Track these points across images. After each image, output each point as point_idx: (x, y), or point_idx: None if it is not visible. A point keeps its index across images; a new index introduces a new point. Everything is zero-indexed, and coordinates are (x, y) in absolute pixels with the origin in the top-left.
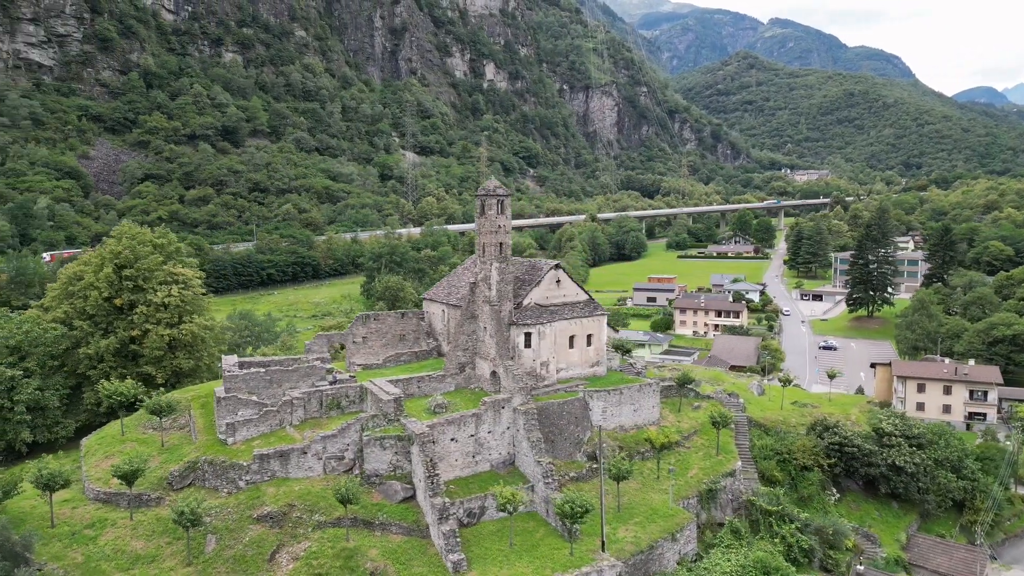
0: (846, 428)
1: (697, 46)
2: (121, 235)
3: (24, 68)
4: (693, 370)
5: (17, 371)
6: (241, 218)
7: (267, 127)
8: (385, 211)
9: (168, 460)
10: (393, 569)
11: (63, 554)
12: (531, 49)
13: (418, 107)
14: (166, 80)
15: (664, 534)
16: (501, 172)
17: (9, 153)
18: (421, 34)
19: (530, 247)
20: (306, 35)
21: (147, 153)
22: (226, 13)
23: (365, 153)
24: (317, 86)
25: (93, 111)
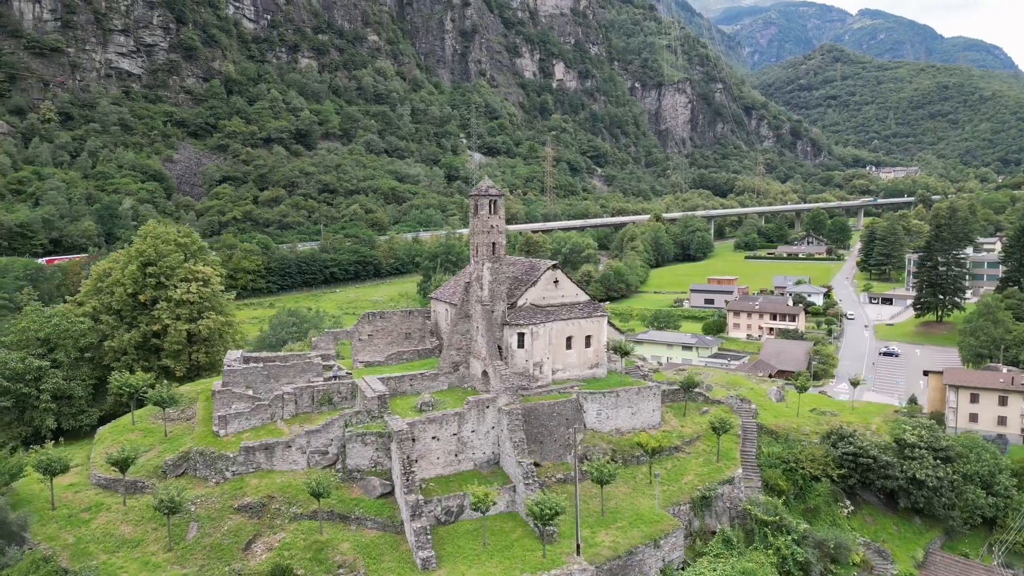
0: (863, 438)
1: (780, 40)
2: (146, 234)
3: (115, 76)
4: (701, 373)
5: (45, 362)
6: (310, 218)
7: (339, 130)
8: (449, 211)
9: (167, 450)
10: (362, 563)
11: (57, 535)
12: (602, 47)
13: (486, 108)
14: (245, 86)
15: (646, 540)
16: (568, 171)
17: (99, 157)
18: (491, 35)
19: (589, 247)
20: (378, 39)
21: (226, 156)
22: (303, 20)
23: (432, 155)
24: (388, 89)
25: (177, 117)
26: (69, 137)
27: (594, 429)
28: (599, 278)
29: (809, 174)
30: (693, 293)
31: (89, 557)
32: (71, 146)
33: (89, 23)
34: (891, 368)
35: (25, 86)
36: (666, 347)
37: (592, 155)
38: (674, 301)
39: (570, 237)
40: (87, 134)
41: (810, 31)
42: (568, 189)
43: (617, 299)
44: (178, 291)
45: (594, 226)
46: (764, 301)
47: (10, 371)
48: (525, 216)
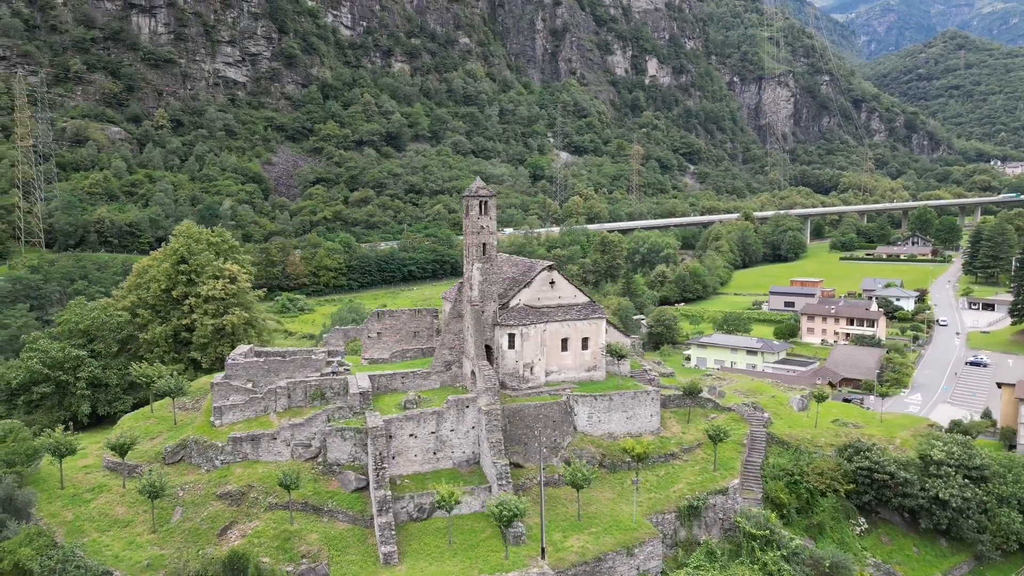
0: (881, 453)
1: (899, 27)
2: (180, 234)
3: (222, 85)
4: (725, 379)
5: (83, 351)
6: (396, 218)
7: (428, 132)
8: (531, 211)
9: (171, 437)
10: (326, 554)
11: (59, 512)
12: (698, 42)
13: (574, 107)
14: (340, 91)
15: (618, 547)
16: (657, 169)
17: (206, 161)
18: (582, 34)
19: (669, 247)
20: (470, 42)
21: (320, 158)
22: (396, 25)
23: (519, 154)
24: (477, 91)
25: (277, 121)
26: (179, 142)
27: (585, 433)
28: (673, 279)
29: (924, 170)
30: (772, 295)
31: (82, 534)
32: (181, 151)
33: (199, 35)
34: (975, 379)
35: (141, 95)
36: (730, 351)
37: (685, 152)
38: (752, 303)
39: (648, 236)
40: (195, 139)
41: (933, 17)
42: (657, 187)
43: (692, 300)
44: (206, 287)
45: (678, 225)
46: (844, 305)
47: (51, 359)
48: (608, 215)
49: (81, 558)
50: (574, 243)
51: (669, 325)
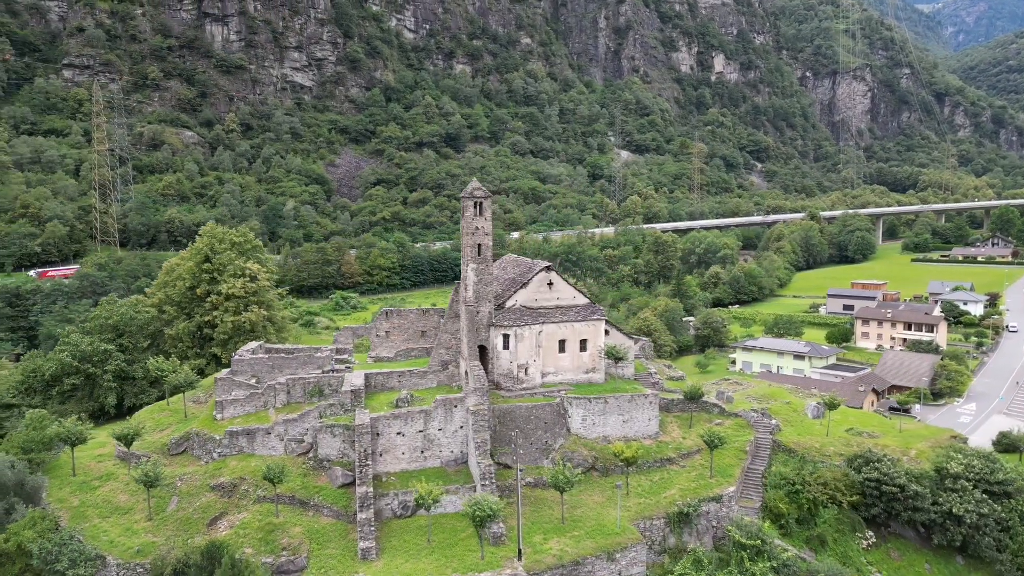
0: (894, 464)
1: (990, 17)
2: (205, 234)
3: (289, 89)
4: (742, 383)
5: (112, 346)
6: (452, 218)
7: (487, 132)
8: (588, 210)
9: (179, 429)
10: (307, 548)
11: (66, 498)
12: (769, 36)
13: (636, 105)
14: (402, 93)
15: (598, 552)
16: (722, 168)
17: (272, 163)
18: (646, 31)
19: (726, 247)
20: (531, 42)
21: (381, 160)
22: (459, 28)
23: (578, 154)
24: (537, 91)
25: (341, 124)
26: (248, 145)
27: (579, 435)
28: (727, 280)
29: (1012, 167)
30: (830, 298)
31: (85, 520)
32: (249, 153)
33: (268, 42)
34: None
35: (214, 101)
36: (776, 355)
37: (751, 150)
38: (810, 306)
39: (705, 237)
40: (263, 142)
41: None
42: (721, 186)
43: (747, 302)
44: (226, 286)
45: (739, 225)
46: (904, 309)
47: (81, 353)
48: (668, 215)
49: (78, 542)
50: (629, 243)
51: (717, 328)
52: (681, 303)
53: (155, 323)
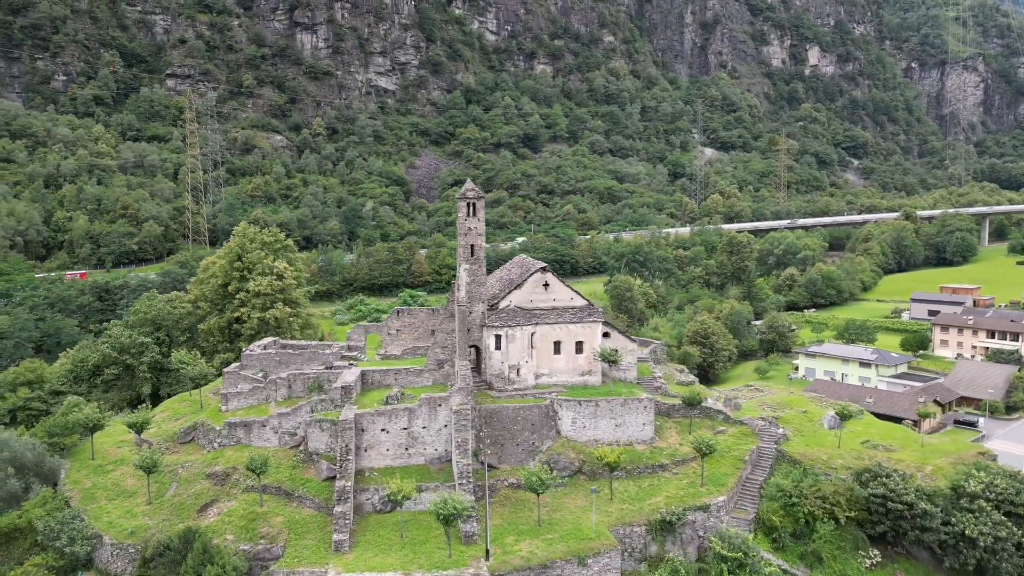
0: (904, 480)
1: None
2: (238, 234)
3: (374, 94)
4: (738, 392)
5: (148, 338)
6: (526, 218)
7: (566, 132)
8: (666, 209)
9: (192, 419)
10: (285, 537)
11: (81, 480)
12: (870, 26)
13: (723, 101)
14: (483, 95)
15: (569, 556)
16: (814, 165)
17: (355, 165)
18: (734, 25)
19: (808, 248)
20: (614, 40)
21: (459, 161)
22: (540, 28)
23: (659, 152)
24: (619, 89)
25: (421, 127)
26: (333, 148)
27: (569, 438)
28: (803, 282)
29: None
30: (914, 303)
31: (93, 501)
32: (334, 156)
33: (354, 48)
34: None
35: (302, 106)
36: (841, 362)
37: (848, 146)
38: (892, 311)
39: (785, 237)
40: (347, 145)
41: None
42: (812, 184)
43: (824, 306)
44: (254, 283)
45: (826, 225)
46: (990, 316)
47: (120, 344)
48: (751, 214)
49: (80, 522)
50: (705, 243)
51: (782, 332)
52: (751, 306)
53: (189, 318)
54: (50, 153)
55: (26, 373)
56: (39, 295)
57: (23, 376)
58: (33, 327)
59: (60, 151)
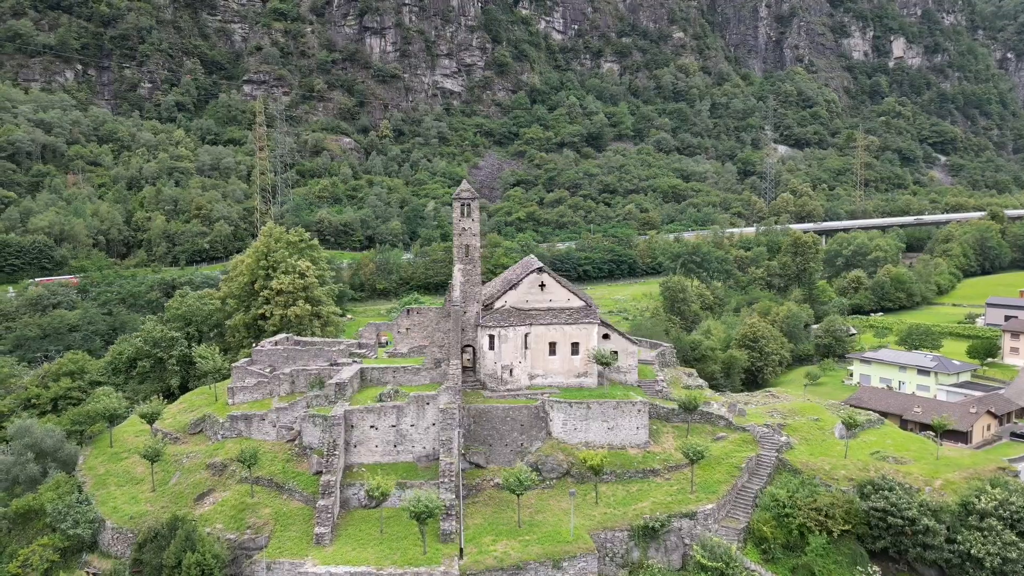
0: (908, 494)
1: None
2: (264, 233)
3: (439, 95)
4: (700, 396)
5: (178, 333)
6: (586, 218)
7: (631, 131)
8: (733, 209)
9: (205, 411)
10: (270, 528)
11: (95, 467)
12: (961, 15)
13: (798, 96)
14: (547, 95)
15: (543, 558)
16: (896, 162)
17: (419, 166)
18: (812, 17)
19: (879, 249)
20: (684, 36)
21: (522, 161)
22: (607, 26)
23: (729, 150)
24: (688, 86)
25: (486, 127)
26: (398, 150)
27: (560, 440)
28: (870, 285)
29: None
30: (989, 308)
31: (103, 487)
32: (399, 157)
33: (421, 51)
34: None
35: (370, 109)
36: (897, 369)
37: (935, 142)
38: (966, 316)
39: (855, 238)
40: (412, 147)
41: None
42: (894, 182)
43: (893, 310)
44: (276, 281)
45: (903, 225)
46: None
47: (152, 339)
48: (823, 214)
49: (86, 506)
50: (772, 243)
51: (839, 336)
52: (812, 309)
53: (218, 314)
54: (134, 157)
55: (69, 364)
56: (112, 291)
57: (66, 367)
58: (101, 321)
59: (143, 155)
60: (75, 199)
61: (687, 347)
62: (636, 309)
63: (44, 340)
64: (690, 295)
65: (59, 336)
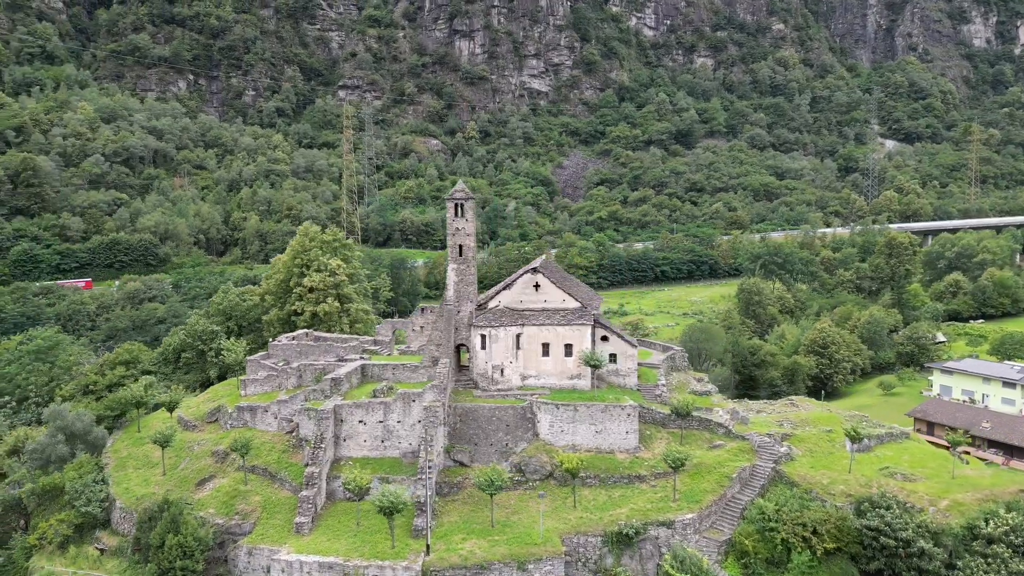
0: (908, 513)
1: None
2: (301, 233)
3: (526, 96)
4: (692, 404)
5: (220, 327)
6: (671, 217)
7: (724, 127)
8: (831, 207)
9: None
10: (257, 515)
11: (120, 450)
12: None
13: (909, 88)
14: (636, 92)
15: (508, 559)
16: (1021, 156)
17: (503, 166)
18: (928, 3)
19: (985, 251)
20: (784, 27)
21: (608, 160)
22: (702, 20)
23: (830, 145)
24: (787, 79)
25: (572, 127)
26: (484, 151)
27: (547, 442)
28: (969, 290)
29: None
30: None
31: (123, 469)
32: (484, 158)
33: (508, 52)
34: None
35: (458, 111)
36: (981, 381)
37: None
38: None
39: (960, 239)
40: (498, 147)
41: None
42: (1016, 178)
43: (995, 317)
44: (308, 279)
45: (1018, 225)
46: None
47: (195, 332)
48: (932, 212)
49: (101, 486)
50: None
51: (923, 344)
52: (901, 314)
53: (256, 310)
54: (234, 160)
55: (124, 354)
56: (202, 286)
57: (122, 356)
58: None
59: (243, 158)
60: (180, 200)
61: (745, 352)
62: (712, 312)
63: (133, 331)
64: (767, 298)
65: (147, 328)
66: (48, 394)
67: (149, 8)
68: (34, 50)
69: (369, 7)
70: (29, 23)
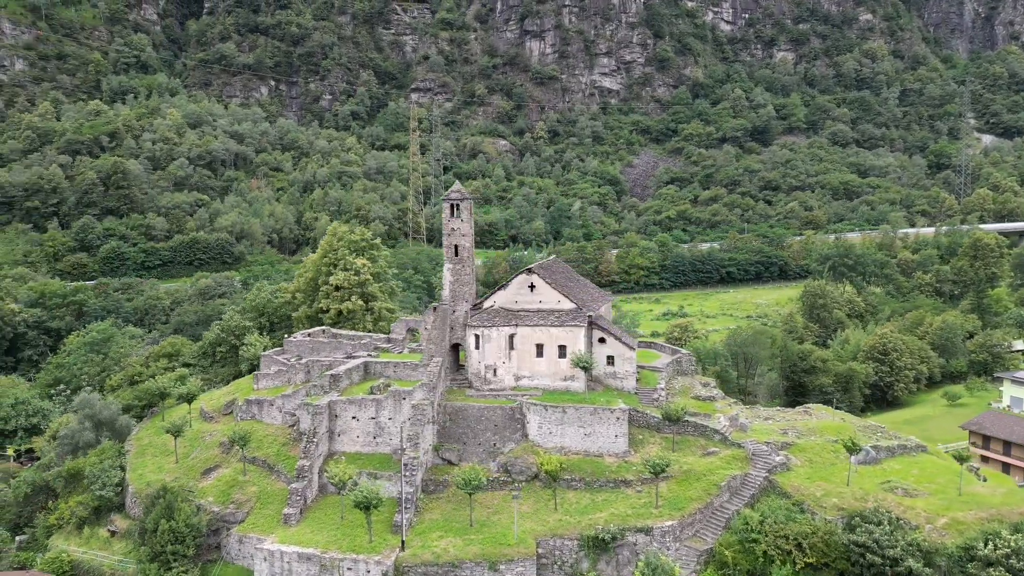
0: (900, 530)
1: None
2: (329, 232)
3: (596, 95)
4: (684, 409)
5: (252, 323)
6: (743, 217)
7: (803, 123)
8: (917, 207)
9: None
10: (251, 505)
11: (143, 437)
12: None
13: (1010, 79)
14: (711, 88)
15: (480, 558)
16: None
17: (571, 167)
18: None
19: None
20: (872, 18)
21: (679, 158)
22: (783, 13)
23: (920, 141)
24: (874, 72)
25: (643, 125)
26: (552, 150)
27: (536, 443)
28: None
29: None
30: None
31: (142, 456)
32: (552, 158)
33: (579, 51)
34: None
35: (527, 111)
36: None
37: None
38: None
39: None
40: (566, 147)
41: None
42: None
43: None
44: (334, 278)
45: None
46: None
47: (229, 327)
48: None
49: (117, 471)
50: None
51: (996, 353)
52: (980, 320)
53: (286, 307)
54: (309, 163)
55: (168, 347)
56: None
57: (165, 349)
58: None
59: (318, 161)
60: (256, 201)
61: (795, 357)
62: (778, 315)
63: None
64: (833, 301)
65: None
66: (99, 383)
67: (235, 18)
68: (130, 60)
69: (442, 10)
70: (126, 35)
